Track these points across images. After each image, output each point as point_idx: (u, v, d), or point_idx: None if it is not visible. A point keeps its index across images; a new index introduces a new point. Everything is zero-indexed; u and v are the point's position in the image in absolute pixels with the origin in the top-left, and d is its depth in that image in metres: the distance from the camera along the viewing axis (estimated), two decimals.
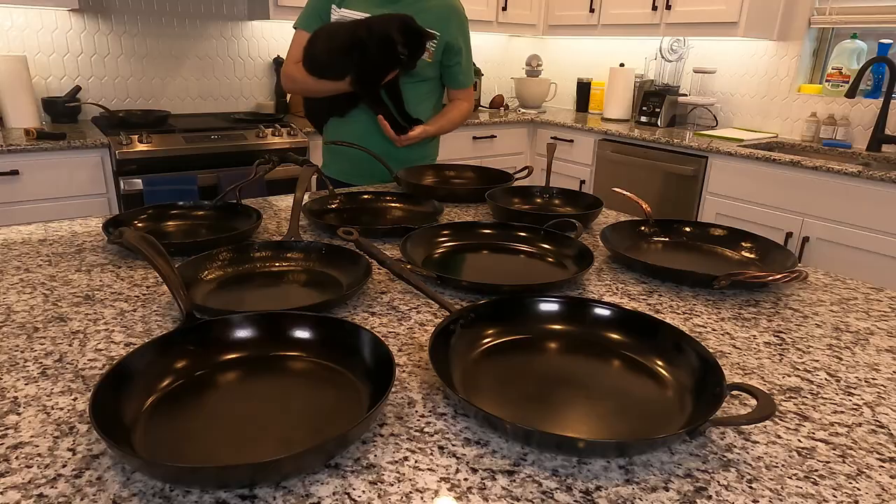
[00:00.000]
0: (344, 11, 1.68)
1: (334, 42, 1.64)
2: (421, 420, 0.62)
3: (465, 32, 1.80)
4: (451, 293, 0.93)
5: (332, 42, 1.64)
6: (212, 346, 0.70)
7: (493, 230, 1.17)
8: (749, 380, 0.73)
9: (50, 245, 1.09)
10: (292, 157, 1.37)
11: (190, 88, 3.06)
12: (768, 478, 0.56)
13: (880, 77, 2.77)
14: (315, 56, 1.67)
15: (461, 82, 1.85)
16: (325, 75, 1.67)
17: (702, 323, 0.88)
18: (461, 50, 1.78)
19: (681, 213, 2.88)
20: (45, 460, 0.55)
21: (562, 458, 0.57)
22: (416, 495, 0.52)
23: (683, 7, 3.01)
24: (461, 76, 1.83)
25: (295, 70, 1.71)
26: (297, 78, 1.71)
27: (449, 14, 1.74)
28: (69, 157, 2.29)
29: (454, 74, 1.82)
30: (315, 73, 1.67)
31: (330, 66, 1.66)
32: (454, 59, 1.78)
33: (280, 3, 2.81)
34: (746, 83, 3.21)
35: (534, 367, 0.72)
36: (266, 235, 1.19)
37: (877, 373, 0.76)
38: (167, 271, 0.70)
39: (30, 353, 0.73)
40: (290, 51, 1.74)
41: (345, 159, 1.82)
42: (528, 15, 3.66)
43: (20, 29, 2.60)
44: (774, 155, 2.53)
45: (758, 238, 1.17)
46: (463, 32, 1.78)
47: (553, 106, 4.08)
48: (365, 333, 0.69)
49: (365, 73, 1.64)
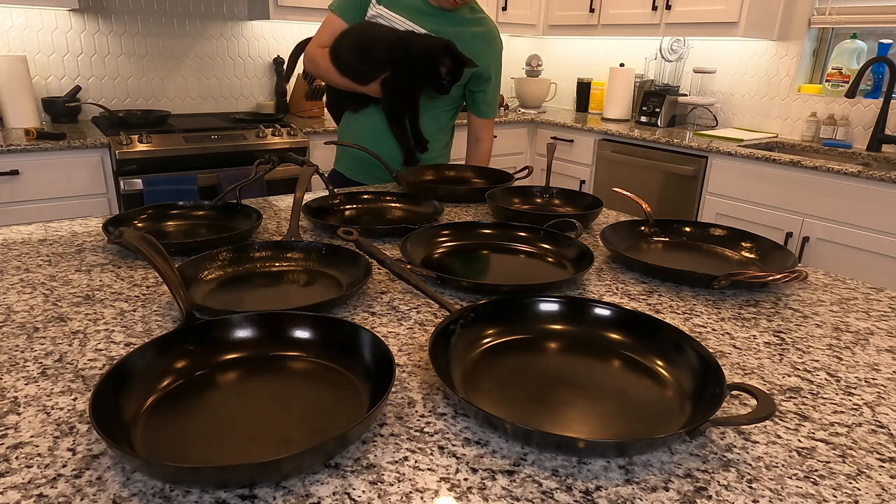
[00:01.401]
0: (382, 9, 1.66)
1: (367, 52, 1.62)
2: (421, 420, 0.62)
3: (497, 62, 1.78)
4: (451, 293, 0.93)
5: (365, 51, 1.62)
6: (212, 346, 0.70)
7: (493, 230, 1.17)
8: (749, 380, 0.73)
9: (50, 245, 1.09)
10: (292, 157, 1.37)
11: (190, 88, 3.06)
12: (768, 478, 0.56)
13: (880, 77, 2.77)
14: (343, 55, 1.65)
15: (483, 112, 1.83)
16: (348, 75, 1.67)
17: (702, 323, 0.88)
18: (490, 79, 1.77)
19: (681, 213, 2.88)
20: (45, 460, 0.55)
21: (562, 458, 0.57)
22: (416, 495, 0.52)
23: (683, 7, 3.01)
24: (484, 105, 1.82)
25: (319, 55, 1.70)
26: (321, 65, 1.70)
27: (489, 41, 1.74)
28: (69, 157, 2.29)
29: (478, 102, 1.81)
30: (339, 70, 1.67)
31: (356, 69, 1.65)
32: (481, 87, 1.77)
33: (280, 3, 2.81)
34: (746, 83, 3.21)
35: (534, 367, 0.72)
36: (266, 235, 1.19)
37: (877, 373, 0.76)
38: (167, 271, 0.70)
39: (30, 353, 0.73)
40: (319, 32, 1.72)
41: (352, 157, 1.84)
42: (528, 15, 3.66)
43: (20, 29, 2.60)
44: (774, 155, 2.53)
45: (758, 238, 1.17)
46: (496, 62, 1.77)
47: (553, 106, 4.08)
48: (365, 333, 0.69)
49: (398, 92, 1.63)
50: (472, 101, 1.81)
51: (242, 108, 3.23)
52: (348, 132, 1.80)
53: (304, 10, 2.87)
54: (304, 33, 3.27)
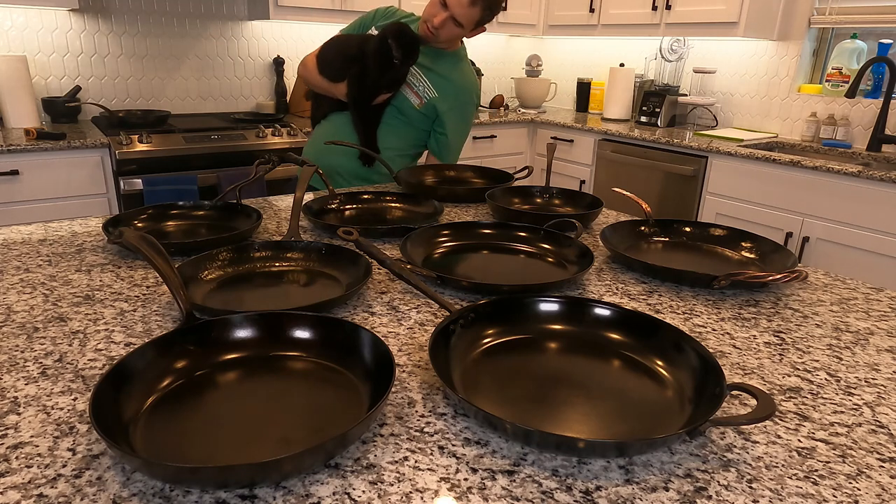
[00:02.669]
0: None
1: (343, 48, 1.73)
2: (421, 420, 0.62)
3: (460, 114, 1.78)
4: (451, 293, 0.93)
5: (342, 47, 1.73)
6: (212, 346, 0.70)
7: (493, 230, 1.17)
8: (749, 380, 0.73)
9: (50, 245, 1.09)
10: (292, 157, 1.37)
11: (190, 88, 3.06)
12: (768, 478, 0.56)
13: (880, 77, 2.77)
14: (325, 53, 1.77)
15: (438, 154, 1.84)
16: (324, 73, 1.76)
17: (702, 323, 0.88)
18: (448, 127, 1.77)
19: (681, 213, 2.88)
20: (45, 460, 0.55)
21: (562, 458, 0.57)
22: (416, 495, 0.52)
23: (683, 7, 3.01)
24: (441, 149, 1.82)
25: (309, 58, 1.81)
26: (308, 66, 1.80)
27: (457, 91, 1.75)
28: (69, 157, 2.29)
29: (437, 141, 1.81)
30: (320, 69, 1.77)
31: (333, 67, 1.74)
32: (440, 129, 1.79)
33: (280, 3, 2.81)
34: (746, 83, 3.21)
35: (534, 367, 0.72)
36: (266, 235, 1.19)
37: (877, 373, 0.76)
38: (167, 271, 0.70)
39: (30, 353, 0.73)
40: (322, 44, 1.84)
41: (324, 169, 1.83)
42: (528, 15, 3.66)
43: (20, 29, 2.60)
44: (774, 155, 2.53)
45: (758, 238, 1.17)
46: (458, 113, 1.77)
47: (553, 106, 4.08)
48: (365, 333, 0.69)
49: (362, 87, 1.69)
50: (433, 139, 1.82)
51: (242, 108, 3.23)
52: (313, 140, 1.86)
53: (304, 10, 2.87)
54: (304, 33, 3.27)
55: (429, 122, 1.78)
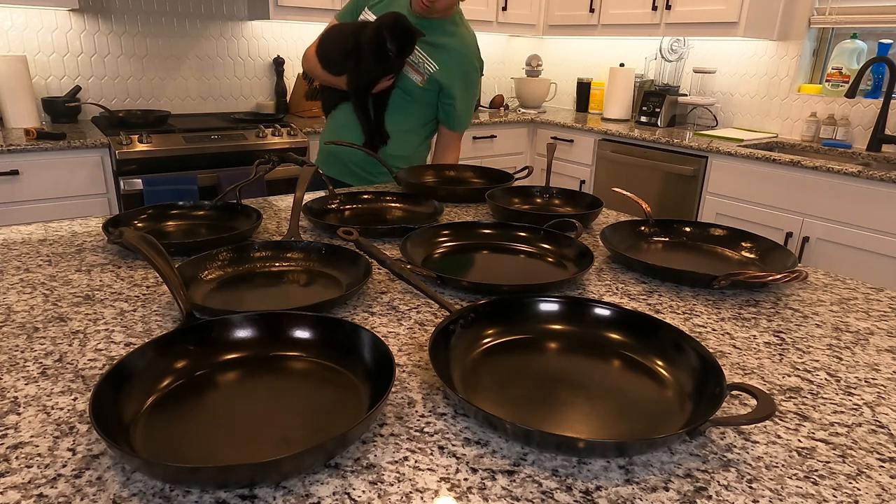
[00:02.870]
0: (370, 15, 1.74)
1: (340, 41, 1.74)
2: (421, 420, 0.62)
3: (464, 82, 1.78)
4: (451, 293, 0.93)
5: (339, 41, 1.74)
6: (212, 346, 0.70)
7: (493, 230, 1.17)
8: (749, 380, 0.73)
9: (50, 245, 1.09)
10: (292, 157, 1.37)
11: (190, 88, 3.06)
12: (768, 478, 0.56)
13: (880, 77, 2.77)
14: (324, 47, 1.78)
15: (448, 123, 1.85)
16: (325, 68, 1.78)
17: (702, 323, 0.88)
18: (455, 97, 1.77)
19: (681, 213, 2.88)
20: (45, 460, 0.55)
21: (562, 458, 0.57)
22: (416, 495, 0.52)
23: (683, 7, 3.01)
24: (450, 117, 1.83)
25: (311, 52, 1.82)
26: (311, 60, 1.82)
27: (456, 58, 1.74)
28: (69, 157, 2.29)
29: (445, 112, 1.82)
30: (321, 64, 1.78)
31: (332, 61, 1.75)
32: (447, 100, 1.79)
33: (280, 3, 2.81)
34: (746, 83, 3.21)
35: (534, 367, 0.72)
36: (266, 235, 1.19)
37: (877, 373, 0.76)
38: (167, 271, 0.70)
39: (30, 353, 0.73)
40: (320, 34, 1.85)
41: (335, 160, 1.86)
42: (528, 15, 3.66)
43: (20, 29, 2.60)
44: (774, 155, 2.53)
45: (758, 238, 1.17)
46: (461, 81, 1.77)
47: (553, 106, 4.08)
48: (365, 333, 0.69)
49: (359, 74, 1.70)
50: (442, 110, 1.82)
51: (242, 108, 3.23)
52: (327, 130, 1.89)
53: (304, 10, 2.87)
54: (303, 33, 3.27)
55: (434, 96, 1.78)
